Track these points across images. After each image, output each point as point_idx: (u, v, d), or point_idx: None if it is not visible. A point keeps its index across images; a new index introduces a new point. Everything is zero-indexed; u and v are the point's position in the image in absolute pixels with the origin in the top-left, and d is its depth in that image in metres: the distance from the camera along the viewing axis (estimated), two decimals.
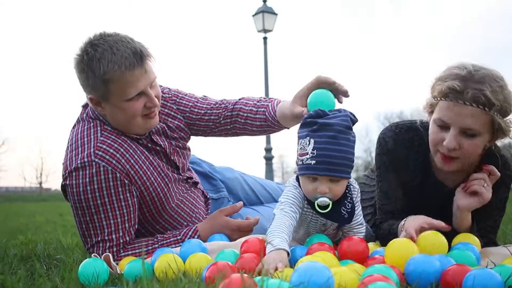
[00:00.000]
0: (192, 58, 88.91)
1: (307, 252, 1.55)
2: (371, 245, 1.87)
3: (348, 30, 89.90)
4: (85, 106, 2.07)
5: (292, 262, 1.54)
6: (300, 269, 1.09)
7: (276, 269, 1.35)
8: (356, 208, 1.78)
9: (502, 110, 1.67)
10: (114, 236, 1.90)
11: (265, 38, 12.75)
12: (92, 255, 1.81)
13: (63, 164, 1.96)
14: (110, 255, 1.74)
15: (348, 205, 1.72)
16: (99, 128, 1.95)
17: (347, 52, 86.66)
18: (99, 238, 1.89)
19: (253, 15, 12.71)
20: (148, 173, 1.99)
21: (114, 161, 1.89)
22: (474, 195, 1.74)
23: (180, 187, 2.13)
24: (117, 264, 1.79)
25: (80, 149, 1.90)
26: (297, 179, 1.74)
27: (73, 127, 2.05)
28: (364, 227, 1.84)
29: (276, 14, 12.67)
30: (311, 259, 1.31)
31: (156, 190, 2.01)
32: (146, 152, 2.03)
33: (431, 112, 1.80)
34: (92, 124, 1.97)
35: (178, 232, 2.04)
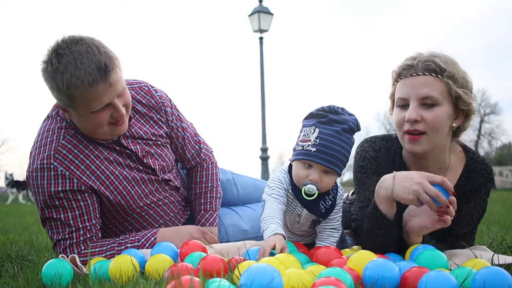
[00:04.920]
0: (188, 58, 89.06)
1: None
2: (347, 250, 1.88)
3: (346, 30, 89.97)
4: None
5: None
6: (247, 271, 1.09)
7: (274, 248, 1.51)
8: (335, 212, 1.82)
9: (455, 79, 1.73)
10: (74, 234, 1.91)
11: (261, 38, 12.77)
12: (60, 256, 1.82)
13: (29, 158, 1.99)
14: (77, 256, 1.74)
15: (328, 201, 1.79)
16: (63, 131, 1.95)
17: (345, 52, 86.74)
18: (60, 237, 1.91)
19: (249, 15, 12.72)
20: (112, 177, 1.98)
21: (72, 167, 1.90)
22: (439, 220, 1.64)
23: (153, 188, 2.11)
24: (84, 264, 1.79)
25: (42, 148, 1.92)
26: (289, 167, 1.81)
27: (43, 121, 2.05)
28: (339, 233, 1.85)
29: (272, 14, 12.69)
30: (267, 262, 1.30)
31: (121, 193, 2.01)
32: (113, 155, 2.01)
33: (393, 102, 1.85)
34: (58, 125, 1.97)
35: (138, 233, 2.04)
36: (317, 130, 1.69)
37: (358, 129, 1.75)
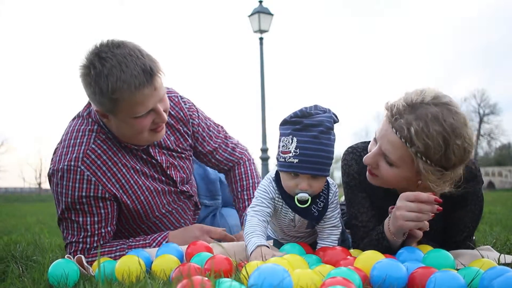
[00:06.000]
0: (188, 59, 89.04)
1: None
2: (354, 250, 1.87)
3: (346, 30, 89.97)
4: (90, 103, 2.00)
5: None
6: (257, 271, 1.09)
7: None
8: (332, 210, 1.81)
9: (430, 156, 1.54)
10: (88, 239, 1.90)
11: (261, 39, 12.75)
12: (66, 256, 1.82)
13: (53, 154, 1.95)
14: (83, 256, 1.74)
15: (320, 204, 1.77)
16: (94, 134, 1.91)
17: (345, 52, 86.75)
18: (74, 239, 1.90)
19: (249, 16, 12.71)
20: (135, 187, 1.97)
21: (99, 173, 1.88)
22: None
23: (171, 198, 2.11)
24: (90, 265, 1.79)
25: (70, 149, 1.88)
26: (276, 172, 1.79)
27: (73, 120, 2.00)
28: (339, 230, 1.85)
29: (272, 15, 12.68)
30: (276, 262, 1.30)
31: (141, 202, 2.00)
32: (139, 165, 1.99)
33: None
34: (89, 126, 1.93)
35: (148, 237, 2.03)
36: (294, 139, 1.64)
37: (336, 121, 1.70)
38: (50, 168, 1.91)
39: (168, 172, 2.07)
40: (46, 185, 54.84)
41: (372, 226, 1.80)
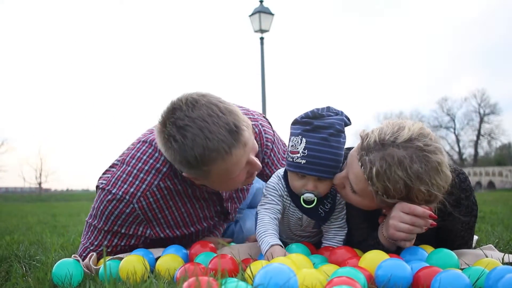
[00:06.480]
0: (189, 58, 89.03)
1: None
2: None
3: (347, 30, 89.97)
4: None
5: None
6: (263, 270, 1.09)
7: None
8: (339, 211, 1.81)
9: (389, 194, 1.52)
10: (103, 252, 1.89)
11: (261, 38, 12.77)
12: (72, 256, 1.83)
13: (110, 167, 1.88)
14: (95, 253, 1.76)
15: (327, 205, 1.77)
16: (160, 176, 1.80)
17: (345, 52, 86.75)
18: (91, 247, 1.88)
19: (250, 15, 12.73)
20: (183, 228, 1.92)
21: (150, 214, 1.81)
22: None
23: (213, 228, 2.09)
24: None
25: (130, 179, 1.79)
26: (285, 170, 1.79)
27: (143, 143, 1.86)
28: (345, 231, 1.84)
29: (272, 15, 12.69)
30: (280, 261, 1.30)
31: (184, 236, 1.96)
32: (195, 208, 1.91)
33: None
34: (159, 165, 1.80)
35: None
36: (304, 140, 1.62)
37: (347, 124, 1.68)
38: (101, 182, 1.83)
39: (225, 205, 2.01)
40: (46, 185, 55.02)
41: (365, 228, 1.79)
